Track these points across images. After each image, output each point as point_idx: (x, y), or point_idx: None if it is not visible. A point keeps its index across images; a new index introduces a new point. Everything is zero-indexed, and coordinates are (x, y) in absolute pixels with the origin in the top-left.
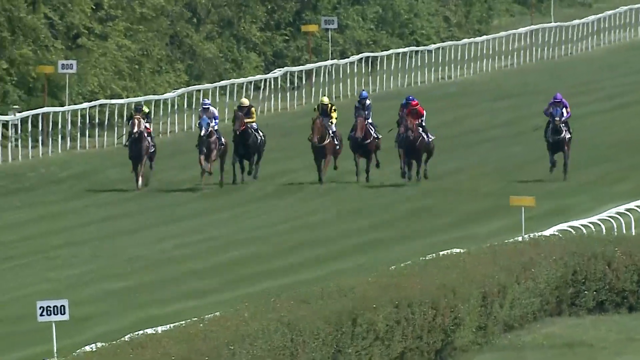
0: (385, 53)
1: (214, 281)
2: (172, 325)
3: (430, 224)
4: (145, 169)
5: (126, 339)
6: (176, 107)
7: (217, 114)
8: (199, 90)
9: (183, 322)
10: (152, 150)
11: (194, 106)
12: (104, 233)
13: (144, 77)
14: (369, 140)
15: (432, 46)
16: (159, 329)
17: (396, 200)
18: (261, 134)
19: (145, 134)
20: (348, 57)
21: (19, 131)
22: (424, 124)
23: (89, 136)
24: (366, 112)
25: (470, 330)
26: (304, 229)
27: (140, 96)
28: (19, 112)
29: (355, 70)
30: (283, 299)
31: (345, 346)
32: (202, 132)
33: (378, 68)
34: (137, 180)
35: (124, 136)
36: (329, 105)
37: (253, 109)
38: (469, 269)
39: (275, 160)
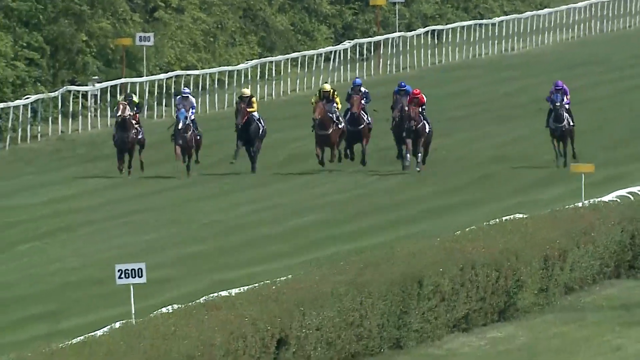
0: (450, 26)
1: (284, 246)
2: (245, 287)
3: (493, 190)
4: (136, 156)
5: (201, 301)
6: (249, 78)
7: (195, 104)
8: (271, 62)
9: (256, 284)
10: (140, 137)
11: (266, 77)
12: (181, 199)
13: (218, 49)
14: (362, 126)
15: (496, 19)
16: (233, 291)
17: (459, 168)
18: (262, 123)
19: (133, 121)
20: (414, 30)
21: (99, 101)
22: (424, 112)
23: (165, 105)
24: (364, 99)
25: (532, 292)
26: (370, 196)
27: (215, 67)
28: (98, 82)
29: (422, 42)
30: (352, 262)
31: (411, 307)
32: (180, 126)
33: (443, 40)
34: (123, 168)
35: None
36: (331, 91)
37: (254, 99)
38: (531, 234)
39: None
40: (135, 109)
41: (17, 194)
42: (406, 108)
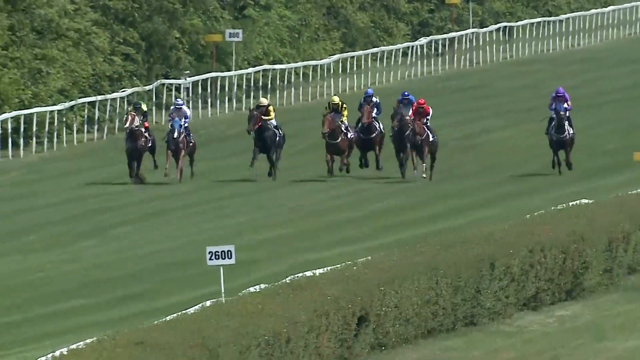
0: (520, 23)
1: (364, 229)
2: (328, 268)
3: (560, 177)
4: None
5: (287, 281)
6: (332, 71)
7: (188, 114)
8: (352, 57)
9: (338, 265)
10: (150, 145)
11: (347, 71)
12: (266, 186)
13: (303, 45)
14: (374, 134)
15: (563, 16)
16: (317, 271)
17: (528, 156)
18: (281, 132)
19: (143, 130)
20: (487, 27)
21: (190, 94)
22: (429, 123)
23: (253, 97)
24: (375, 109)
25: (597, 273)
26: (446, 182)
27: (299, 62)
28: (190, 76)
29: (494, 38)
30: (428, 244)
31: (484, 287)
32: (175, 135)
33: (514, 36)
34: (135, 174)
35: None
36: (340, 103)
37: (271, 108)
38: (596, 218)
39: None
40: (142, 116)
41: (115, 180)
42: (407, 117)
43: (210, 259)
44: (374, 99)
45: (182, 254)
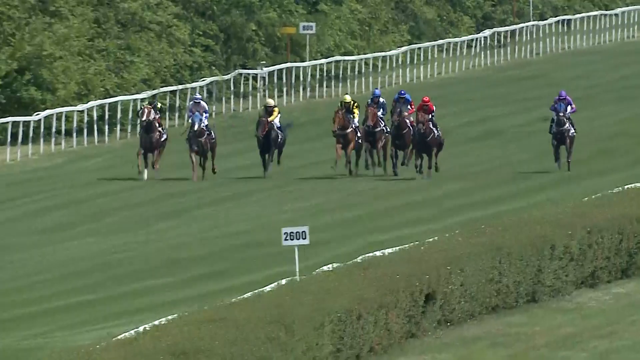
0: (578, 16)
1: (428, 211)
2: (397, 248)
3: (615, 162)
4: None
5: (358, 260)
6: (400, 62)
7: (207, 108)
8: (419, 48)
9: (406, 245)
10: (163, 140)
11: (415, 62)
12: (339, 171)
13: (373, 37)
14: (378, 129)
15: (618, 10)
16: (386, 251)
17: (585, 142)
18: (283, 133)
19: (157, 124)
20: (546, 20)
21: (266, 83)
22: (434, 119)
23: (326, 87)
24: (381, 109)
25: None
26: (505, 167)
27: (369, 53)
28: (266, 66)
29: (553, 30)
30: (491, 226)
31: (544, 266)
32: (195, 127)
33: (572, 28)
34: (142, 168)
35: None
36: (352, 102)
37: (276, 108)
38: None
39: (481, 107)
40: (158, 113)
41: None
42: (405, 113)
43: (285, 239)
44: (381, 100)
45: (259, 234)
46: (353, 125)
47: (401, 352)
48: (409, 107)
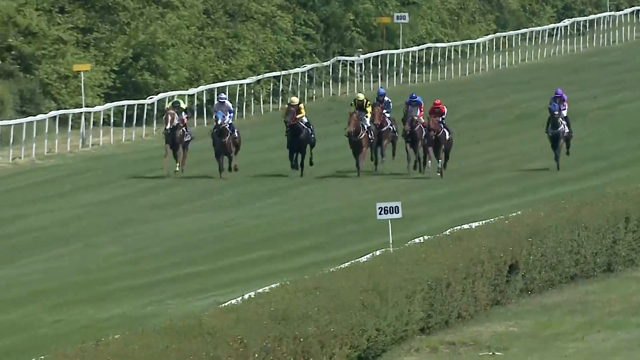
0: None
1: (513, 188)
2: (482, 222)
3: None
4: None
5: (447, 233)
6: (486, 49)
7: (231, 108)
8: (504, 37)
9: (491, 219)
10: (188, 139)
11: (500, 49)
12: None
13: (461, 26)
14: (384, 128)
15: None
16: (473, 225)
17: None
18: (312, 128)
19: (181, 125)
20: (622, 10)
21: (362, 69)
22: (444, 121)
23: (418, 72)
24: (386, 108)
25: None
26: (583, 148)
27: (458, 41)
28: (363, 54)
29: (627, 20)
30: (570, 201)
31: (619, 238)
32: (220, 122)
33: None
34: (173, 166)
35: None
36: (365, 100)
37: (302, 105)
38: None
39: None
40: (182, 113)
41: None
42: (414, 118)
43: (379, 213)
44: (386, 99)
45: (355, 210)
46: (365, 127)
47: (487, 319)
48: (419, 110)
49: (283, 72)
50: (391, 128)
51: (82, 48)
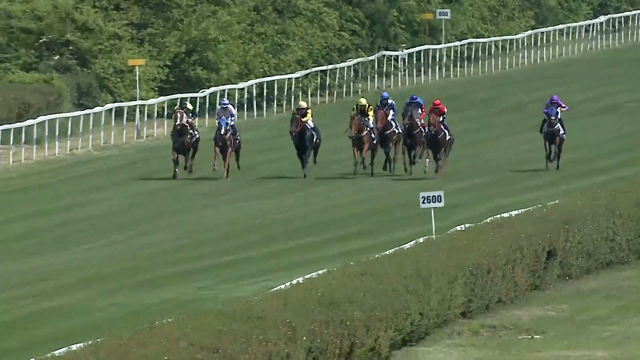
0: None
1: (550, 177)
2: (522, 210)
3: None
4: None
5: (487, 221)
6: (525, 45)
7: (234, 112)
8: (542, 32)
9: (530, 208)
10: (195, 140)
11: (538, 44)
12: (469, 140)
13: (501, 22)
14: (388, 131)
15: None
16: (512, 213)
17: None
18: (317, 133)
19: (188, 127)
20: None
21: (406, 63)
22: (445, 121)
23: (459, 67)
24: (391, 110)
25: None
26: (615, 140)
27: (498, 36)
28: (406, 49)
29: None
30: (606, 190)
31: None
32: (222, 131)
33: None
34: (175, 169)
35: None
36: (367, 105)
37: (309, 110)
38: None
39: (600, 85)
40: (190, 114)
41: (341, 137)
42: (416, 120)
43: (423, 202)
44: (390, 101)
45: (398, 198)
46: (368, 128)
47: (525, 303)
48: (420, 110)
49: (330, 67)
50: (395, 130)
51: (136, 43)
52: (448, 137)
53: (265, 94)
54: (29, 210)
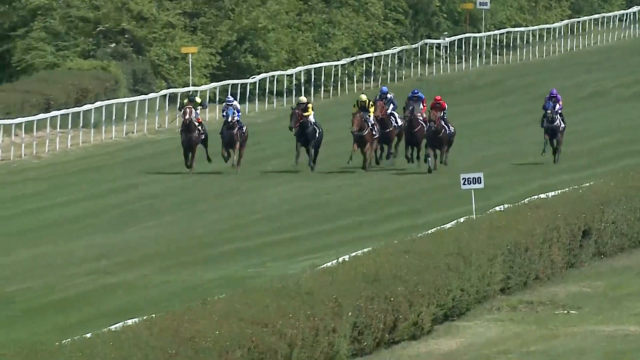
0: None
1: (585, 160)
2: (557, 191)
3: None
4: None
5: (525, 202)
6: (562, 33)
7: (239, 108)
8: (578, 22)
9: (566, 189)
10: (203, 137)
11: (574, 33)
12: (509, 125)
13: (539, 12)
14: (389, 129)
15: None
16: (549, 194)
17: None
18: (320, 129)
19: (196, 123)
20: None
21: (448, 51)
22: (445, 116)
23: (499, 54)
24: (391, 104)
25: None
26: None
27: (535, 25)
28: (448, 37)
29: None
30: (639, 171)
31: None
32: (230, 119)
33: None
34: (189, 164)
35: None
36: (367, 101)
37: (310, 105)
38: None
39: (634, 72)
40: (198, 108)
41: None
42: (417, 114)
43: (463, 184)
44: (389, 96)
45: (440, 180)
46: (369, 124)
47: (562, 280)
48: (421, 105)
49: (375, 54)
50: (396, 125)
51: (189, 32)
52: (449, 133)
53: (312, 80)
54: (88, 192)
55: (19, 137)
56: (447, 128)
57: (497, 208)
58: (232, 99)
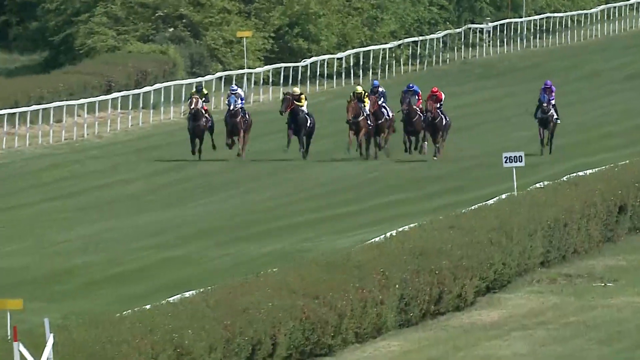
0: None
1: (622, 139)
2: (595, 169)
3: None
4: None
5: (564, 179)
6: (598, 18)
7: (243, 96)
8: (614, 7)
9: (603, 167)
10: (210, 125)
11: (610, 18)
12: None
13: None
14: (380, 121)
15: None
16: (587, 172)
17: None
18: (312, 119)
19: (202, 111)
20: None
21: (490, 35)
22: (442, 107)
23: (539, 38)
24: (382, 97)
25: None
26: None
27: (574, 11)
28: (491, 22)
29: None
30: None
31: None
32: (232, 107)
33: None
34: (197, 152)
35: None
36: (362, 92)
37: (303, 96)
38: None
39: None
40: (204, 98)
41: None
42: (413, 107)
43: (505, 162)
44: (380, 89)
45: (483, 158)
46: (364, 113)
47: (599, 254)
48: (417, 98)
49: (421, 38)
50: (388, 117)
51: (244, 17)
52: (445, 122)
53: (361, 63)
54: (148, 170)
55: (81, 118)
56: (443, 117)
57: (537, 185)
58: (236, 87)
